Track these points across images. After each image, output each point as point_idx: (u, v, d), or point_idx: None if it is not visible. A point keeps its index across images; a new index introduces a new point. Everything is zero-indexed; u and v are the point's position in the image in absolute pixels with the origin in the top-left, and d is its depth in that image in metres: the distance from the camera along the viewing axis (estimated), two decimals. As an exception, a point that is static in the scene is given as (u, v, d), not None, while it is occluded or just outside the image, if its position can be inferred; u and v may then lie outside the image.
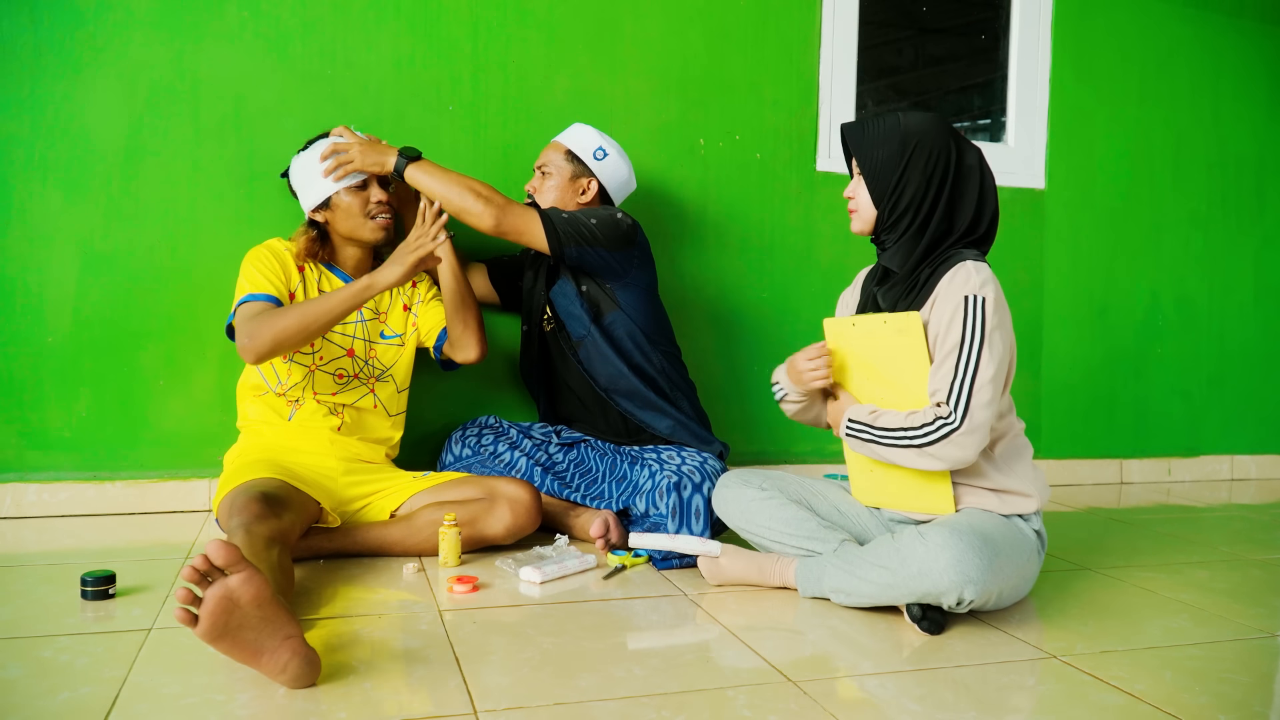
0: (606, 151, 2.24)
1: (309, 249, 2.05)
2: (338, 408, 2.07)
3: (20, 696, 1.21)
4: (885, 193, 1.66)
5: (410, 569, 1.83)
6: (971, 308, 1.56)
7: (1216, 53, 3.19)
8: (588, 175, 2.23)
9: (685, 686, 1.29)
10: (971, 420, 1.53)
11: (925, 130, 1.64)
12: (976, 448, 1.55)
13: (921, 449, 1.56)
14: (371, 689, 1.25)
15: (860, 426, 1.65)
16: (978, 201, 1.66)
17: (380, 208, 2.05)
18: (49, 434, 2.22)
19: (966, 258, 1.62)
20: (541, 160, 2.25)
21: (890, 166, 1.65)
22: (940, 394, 1.56)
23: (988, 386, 1.54)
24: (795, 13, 2.72)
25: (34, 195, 2.18)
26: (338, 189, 2.03)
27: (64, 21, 2.18)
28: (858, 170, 1.71)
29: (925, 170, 1.63)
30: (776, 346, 2.74)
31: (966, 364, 1.55)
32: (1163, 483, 3.18)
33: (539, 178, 2.25)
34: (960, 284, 1.58)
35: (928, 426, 1.55)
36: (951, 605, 1.50)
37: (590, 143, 2.24)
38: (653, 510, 1.99)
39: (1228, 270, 3.26)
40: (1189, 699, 1.30)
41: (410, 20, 2.40)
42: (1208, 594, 1.82)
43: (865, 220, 1.71)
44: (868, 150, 1.67)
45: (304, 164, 2.06)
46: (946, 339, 1.58)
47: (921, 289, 1.64)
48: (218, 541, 1.18)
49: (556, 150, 2.24)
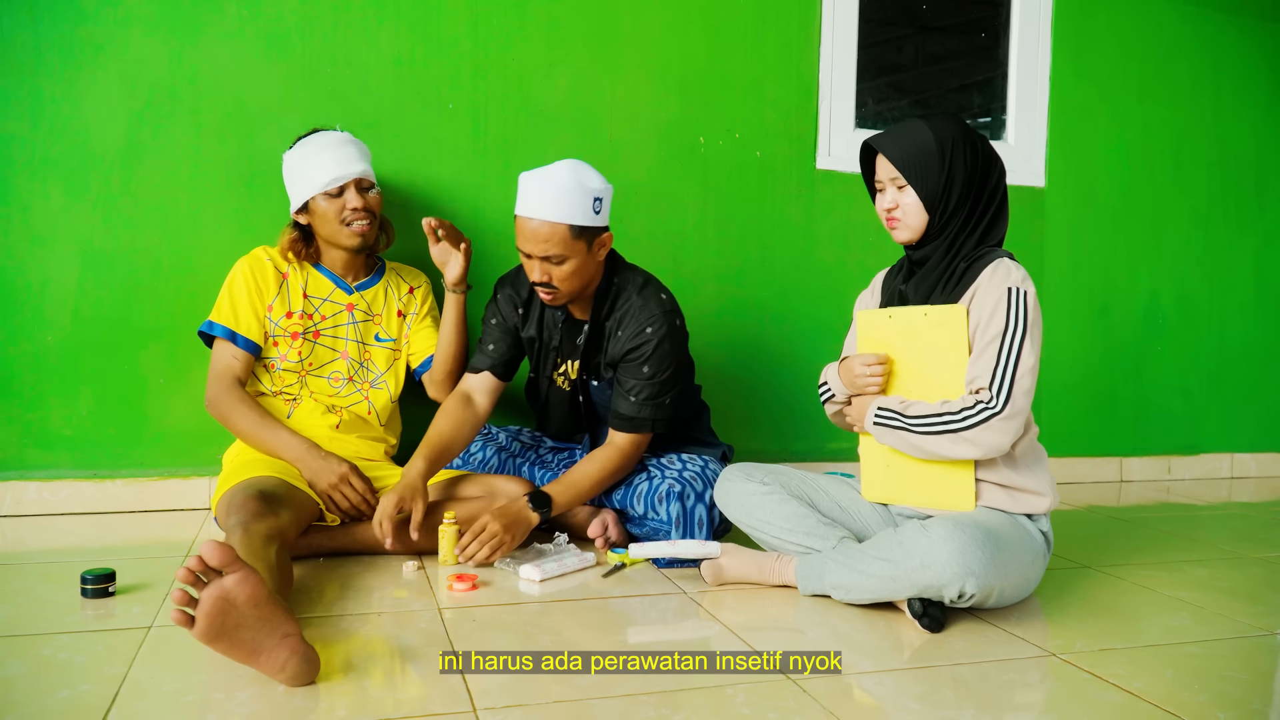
0: (599, 195, 1.87)
1: (291, 247, 2.06)
2: (335, 407, 2.07)
3: (20, 694, 1.21)
4: (936, 195, 1.66)
5: (410, 567, 1.83)
6: (1016, 298, 1.60)
7: (1217, 50, 3.19)
8: (598, 233, 1.91)
9: (684, 684, 1.29)
10: (1013, 406, 1.55)
11: (953, 128, 1.68)
12: (1014, 435, 1.57)
13: (959, 434, 1.57)
14: (371, 686, 1.25)
15: (891, 415, 1.65)
16: (1002, 192, 1.71)
17: (356, 214, 2.02)
18: (49, 432, 2.22)
19: (1001, 254, 1.67)
20: (541, 251, 1.85)
21: (936, 169, 1.66)
22: (981, 380, 1.58)
23: (1028, 375, 1.57)
24: (795, 10, 2.72)
25: (34, 194, 2.18)
26: (314, 194, 2.01)
27: (64, 20, 2.18)
28: (894, 179, 1.69)
29: (966, 166, 1.66)
30: (776, 344, 2.74)
31: (1009, 352, 1.57)
32: (1163, 481, 3.18)
33: (548, 266, 1.87)
34: (1003, 277, 1.62)
35: (967, 410, 1.57)
36: (953, 598, 1.50)
37: (583, 203, 1.84)
38: (651, 514, 1.97)
39: (1228, 268, 3.26)
40: (1189, 697, 1.30)
41: (410, 18, 2.40)
42: (1208, 592, 1.82)
43: (915, 228, 1.70)
44: (910, 157, 1.67)
45: (290, 163, 2.05)
46: (989, 328, 1.60)
47: (959, 281, 1.66)
48: (212, 542, 1.17)
49: (556, 234, 1.83)
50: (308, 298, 2.07)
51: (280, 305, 2.04)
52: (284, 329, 2.04)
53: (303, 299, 2.06)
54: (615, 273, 2.02)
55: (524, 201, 1.86)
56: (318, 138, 2.05)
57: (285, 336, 2.04)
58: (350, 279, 2.13)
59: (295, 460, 1.91)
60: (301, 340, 2.05)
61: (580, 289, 1.96)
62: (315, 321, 2.07)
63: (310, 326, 2.06)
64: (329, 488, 1.89)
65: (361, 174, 2.03)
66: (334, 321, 2.09)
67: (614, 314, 2.00)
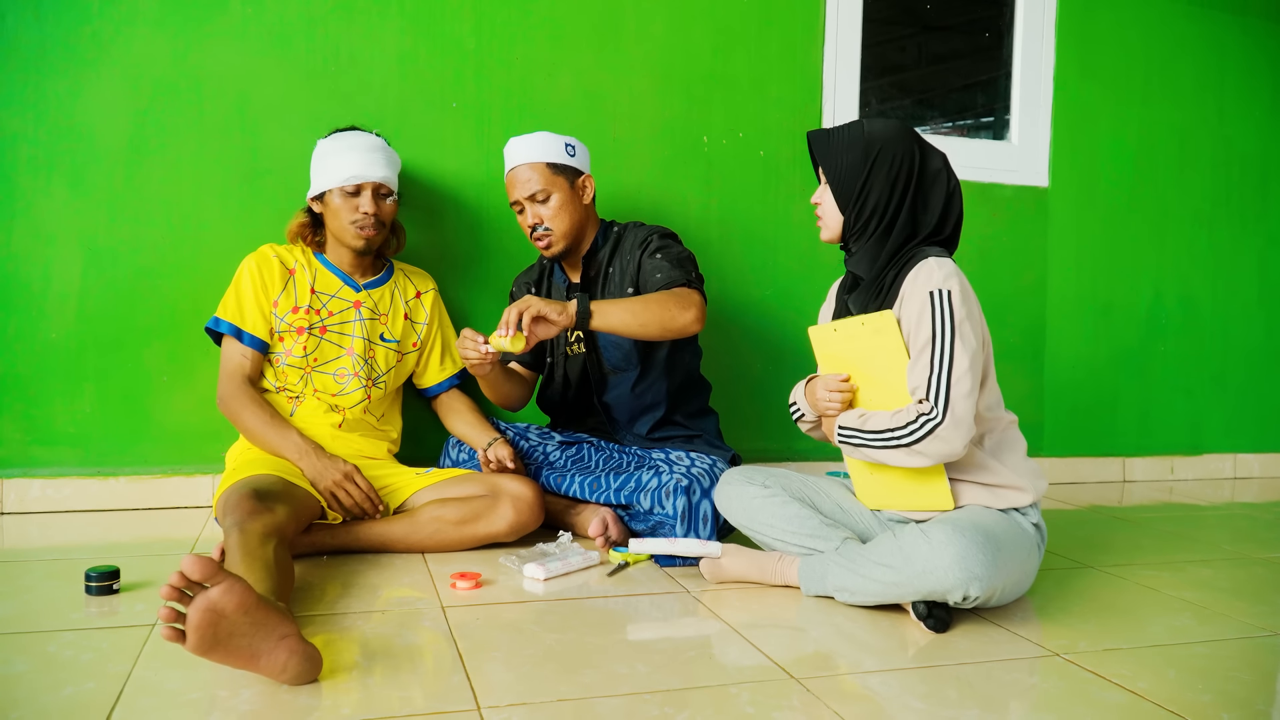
0: (570, 143, 2.13)
1: (299, 230, 2.10)
2: (338, 406, 2.07)
3: (25, 691, 1.21)
4: (850, 199, 1.67)
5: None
6: (938, 302, 1.57)
7: (1221, 50, 3.18)
8: (578, 174, 2.14)
9: (688, 683, 1.29)
10: (954, 413, 1.53)
11: (888, 136, 1.66)
12: (963, 440, 1.54)
13: (909, 448, 1.56)
14: (375, 685, 1.25)
15: (850, 431, 1.65)
16: (944, 205, 1.68)
17: (365, 218, 2.03)
18: (53, 429, 2.22)
19: (928, 254, 1.63)
20: (527, 190, 2.09)
21: (854, 173, 1.66)
22: (920, 390, 1.57)
23: (965, 377, 1.54)
24: (799, 10, 2.72)
25: (38, 191, 2.18)
26: (332, 187, 2.03)
27: (68, 18, 2.18)
28: (824, 178, 1.73)
29: (889, 175, 1.64)
30: (779, 344, 2.74)
31: (941, 357, 1.55)
32: (1165, 481, 3.18)
33: (536, 207, 2.10)
34: (924, 280, 1.59)
35: (911, 424, 1.55)
36: (957, 602, 1.50)
37: (556, 145, 2.10)
38: (657, 509, 1.98)
39: (1232, 268, 3.26)
40: (1192, 697, 1.30)
41: (414, 17, 2.40)
42: (1211, 592, 1.82)
43: (832, 229, 1.73)
44: (833, 158, 1.69)
45: (320, 151, 2.07)
46: (918, 336, 1.59)
47: (888, 291, 1.65)
48: (192, 556, 1.15)
49: (536, 171, 2.08)
50: (315, 293, 2.07)
51: (286, 300, 2.04)
52: (290, 324, 2.04)
53: (310, 294, 2.06)
54: (608, 227, 2.22)
55: (507, 160, 2.14)
56: (352, 135, 2.08)
57: (291, 331, 2.04)
58: (358, 277, 2.13)
59: (297, 460, 1.91)
60: (307, 335, 2.05)
61: (571, 231, 2.13)
62: (322, 317, 2.07)
63: (317, 322, 2.06)
64: (333, 485, 1.89)
65: (382, 180, 2.04)
66: (341, 318, 2.09)
67: (608, 244, 2.18)
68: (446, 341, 2.27)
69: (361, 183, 2.02)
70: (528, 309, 1.82)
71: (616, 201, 2.56)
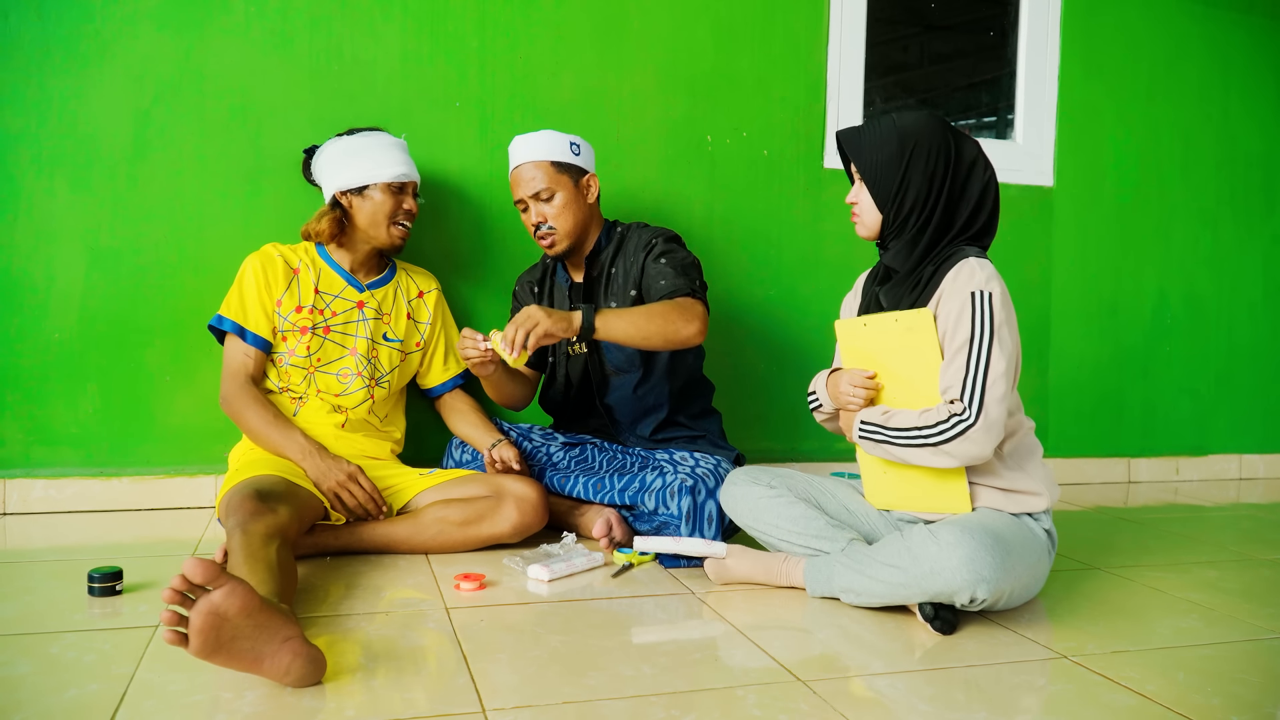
0: (575, 142, 2.12)
1: (332, 231, 2.06)
2: (341, 406, 2.07)
3: (28, 693, 1.20)
4: (889, 197, 1.65)
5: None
6: (979, 303, 1.55)
7: (1226, 50, 3.17)
8: (583, 172, 2.13)
9: (694, 685, 1.29)
10: (987, 416, 1.52)
11: (922, 129, 1.63)
12: (992, 443, 1.54)
13: (937, 447, 1.55)
14: (379, 686, 1.25)
15: (873, 428, 1.64)
16: (979, 196, 1.65)
17: (407, 216, 2.08)
18: (55, 430, 2.22)
19: (969, 254, 1.61)
20: (531, 189, 2.08)
21: (891, 170, 1.64)
22: (953, 390, 1.55)
23: (1000, 381, 1.53)
24: (803, 9, 2.71)
25: (40, 191, 2.18)
26: (378, 181, 2.03)
27: (71, 17, 2.17)
28: (858, 176, 1.70)
29: (926, 170, 1.62)
30: (783, 343, 2.73)
31: (978, 359, 1.54)
32: (1170, 482, 3.17)
33: (540, 206, 2.09)
34: (965, 280, 1.57)
35: (943, 424, 1.54)
36: (964, 604, 1.49)
37: (560, 144, 2.09)
38: (662, 509, 1.97)
39: (1237, 268, 3.25)
40: (1201, 700, 1.29)
41: (417, 16, 2.39)
42: (1218, 594, 1.81)
43: (870, 226, 1.71)
44: (867, 155, 1.66)
45: (351, 145, 2.07)
46: (955, 335, 1.57)
47: (925, 286, 1.63)
48: (193, 559, 1.14)
49: (541, 169, 2.07)
50: (319, 293, 2.07)
51: (290, 300, 2.03)
52: (293, 323, 2.03)
53: (314, 294, 2.06)
54: (612, 228, 2.21)
55: (512, 158, 2.14)
56: (383, 135, 2.11)
57: (294, 331, 2.03)
58: (362, 276, 2.13)
59: (300, 460, 1.91)
60: (310, 335, 2.04)
61: (575, 230, 2.12)
62: (326, 317, 2.07)
63: (320, 322, 2.06)
64: (336, 486, 1.88)
65: (417, 183, 2.12)
66: (345, 318, 2.09)
67: (612, 244, 2.17)
68: (450, 341, 2.26)
69: (407, 181, 2.07)
70: (534, 328, 1.80)
71: (619, 200, 2.55)
